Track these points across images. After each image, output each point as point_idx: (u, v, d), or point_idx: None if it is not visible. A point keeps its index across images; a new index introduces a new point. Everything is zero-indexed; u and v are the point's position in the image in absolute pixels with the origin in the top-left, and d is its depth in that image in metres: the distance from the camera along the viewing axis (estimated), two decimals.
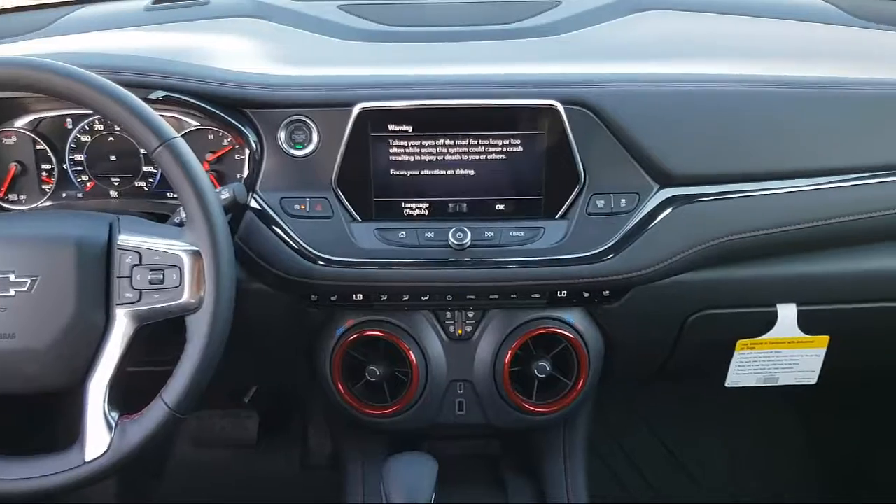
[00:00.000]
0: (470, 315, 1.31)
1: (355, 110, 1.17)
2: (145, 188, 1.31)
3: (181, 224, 1.11)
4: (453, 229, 1.18)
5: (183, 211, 1.07)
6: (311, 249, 1.18)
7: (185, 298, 1.04)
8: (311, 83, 1.22)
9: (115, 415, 1.06)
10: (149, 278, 1.05)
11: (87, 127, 1.30)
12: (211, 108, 1.22)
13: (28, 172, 1.31)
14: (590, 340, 1.29)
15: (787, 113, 1.23)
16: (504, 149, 1.20)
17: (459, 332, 1.31)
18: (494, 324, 1.30)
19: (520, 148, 1.20)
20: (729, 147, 1.22)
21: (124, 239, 1.07)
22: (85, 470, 1.04)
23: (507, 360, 1.29)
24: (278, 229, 1.19)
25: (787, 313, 1.30)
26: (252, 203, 1.20)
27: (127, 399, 1.08)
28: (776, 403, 2.05)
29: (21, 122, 1.29)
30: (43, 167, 1.31)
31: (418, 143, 1.19)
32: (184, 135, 1.23)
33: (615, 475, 2.03)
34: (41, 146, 1.30)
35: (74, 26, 1.51)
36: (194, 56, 1.29)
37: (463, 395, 1.34)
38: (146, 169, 1.31)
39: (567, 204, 1.21)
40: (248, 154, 1.23)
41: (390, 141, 1.19)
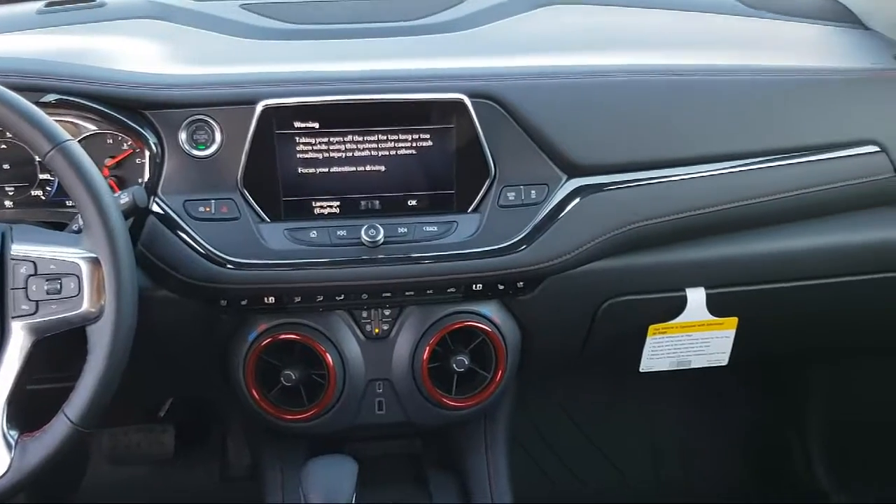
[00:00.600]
0: (386, 313, 1.29)
1: (259, 108, 1.15)
2: (42, 197, 1.26)
3: (79, 231, 1.07)
4: (366, 226, 1.17)
5: (81, 218, 1.03)
6: (219, 252, 1.15)
7: (85, 308, 1.00)
8: (213, 82, 1.19)
9: (15, 433, 1.01)
10: (45, 288, 1.00)
11: None
12: (108, 111, 1.18)
13: None
14: (506, 332, 1.30)
15: (687, 101, 1.27)
16: (414, 144, 1.19)
17: (376, 331, 1.30)
18: (411, 320, 1.29)
19: (429, 143, 1.19)
20: (633, 136, 1.24)
21: (17, 248, 1.02)
22: None
23: (426, 357, 1.28)
24: (183, 233, 1.16)
25: (696, 297, 1.33)
26: (154, 207, 1.17)
27: (31, 417, 1.03)
28: (694, 388, 2.11)
29: None
30: None
31: (326, 140, 1.17)
32: (81, 140, 1.19)
33: (540, 468, 2.05)
34: None
35: None
36: (90, 58, 1.24)
37: (382, 395, 1.33)
38: (42, 177, 1.25)
39: (479, 197, 1.21)
40: (149, 157, 1.20)
41: (297, 138, 1.17)
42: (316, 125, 1.17)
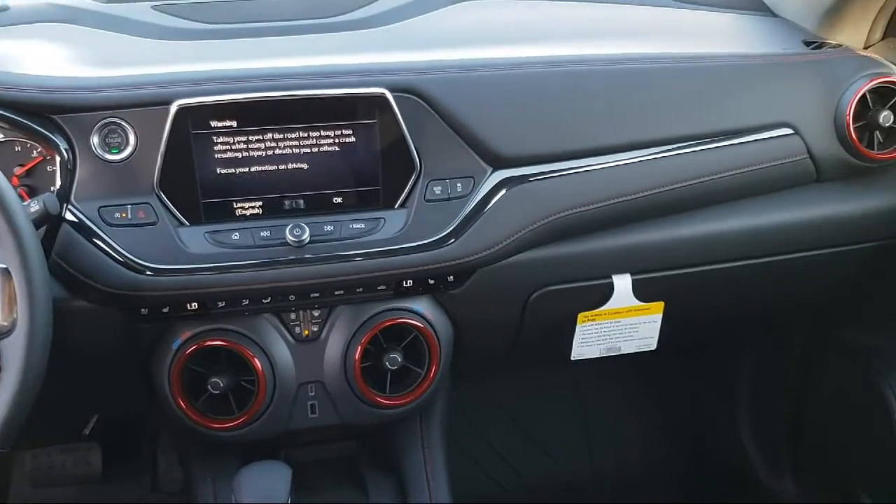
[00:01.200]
0: (315, 314, 1.27)
1: (173, 108, 1.11)
2: None
3: None
4: (290, 226, 1.15)
5: None
6: (137, 259, 1.12)
7: None
8: (124, 83, 1.15)
9: None
10: None
11: None
12: (15, 117, 1.12)
13: None
14: (439, 328, 1.29)
15: (607, 90, 1.28)
16: (337, 140, 1.18)
17: (306, 333, 1.27)
18: (342, 320, 1.27)
19: (352, 139, 1.18)
20: (555, 126, 1.25)
21: None
22: None
23: (358, 356, 1.26)
24: (99, 241, 1.11)
25: (623, 283, 1.35)
26: (67, 215, 1.12)
27: None
28: (628, 375, 2.14)
29: None
30: None
31: (245, 139, 1.15)
32: None
33: (479, 465, 2.05)
34: None
35: None
36: None
37: (315, 398, 1.30)
38: None
39: (405, 192, 1.20)
40: (60, 163, 1.15)
41: (214, 138, 1.14)
42: (234, 124, 1.14)
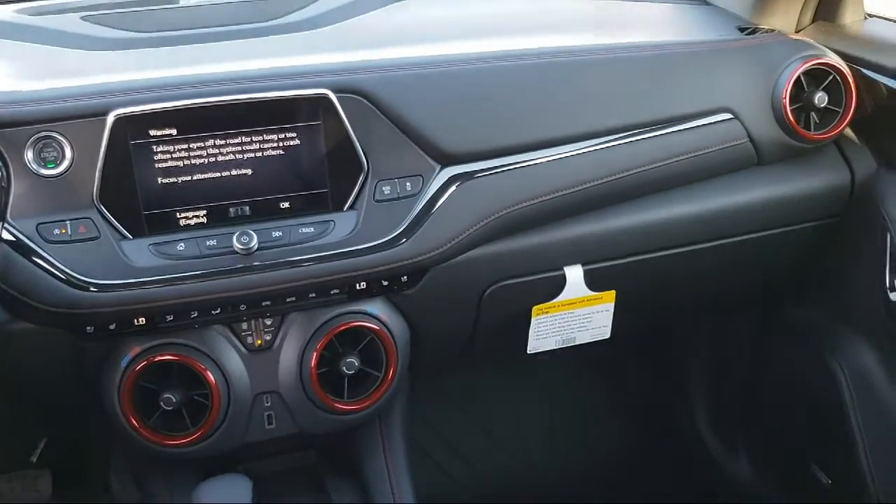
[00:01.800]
0: (268, 322, 1.25)
1: (110, 118, 1.08)
2: None
3: None
4: (237, 233, 1.12)
5: None
6: (79, 276, 1.08)
7: None
8: (57, 95, 1.11)
9: None
10: None
11: None
12: None
13: None
14: (395, 329, 1.28)
15: (550, 83, 1.29)
16: (281, 144, 1.16)
17: (259, 343, 1.25)
18: (295, 327, 1.25)
19: (297, 142, 1.16)
20: (499, 121, 1.25)
21: None
22: None
23: (314, 363, 1.24)
24: (38, 258, 1.07)
25: (574, 274, 1.35)
26: (4, 234, 1.08)
27: None
28: (582, 368, 2.15)
29: None
30: None
31: (186, 147, 1.12)
32: None
33: (440, 466, 2.04)
34: None
35: None
36: None
37: (271, 408, 1.28)
38: None
39: (354, 194, 1.19)
40: None
41: (154, 147, 1.11)
42: (174, 132, 1.11)
